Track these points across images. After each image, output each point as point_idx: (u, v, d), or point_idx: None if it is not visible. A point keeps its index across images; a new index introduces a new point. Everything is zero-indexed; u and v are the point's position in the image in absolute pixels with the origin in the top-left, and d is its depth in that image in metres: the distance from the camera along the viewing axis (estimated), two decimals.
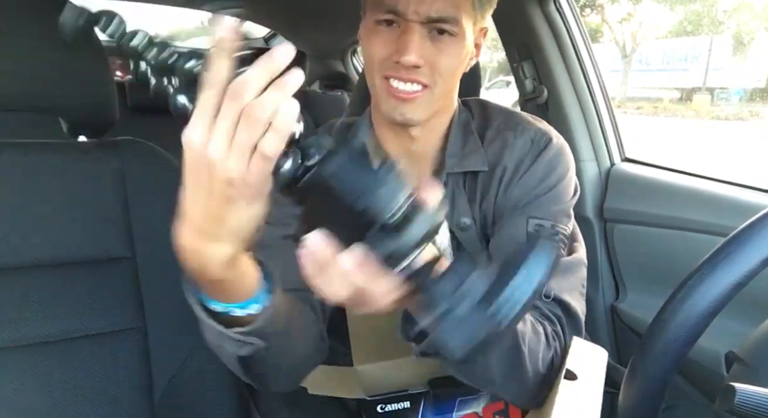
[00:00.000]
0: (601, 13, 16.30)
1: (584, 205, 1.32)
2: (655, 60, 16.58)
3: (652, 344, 0.43)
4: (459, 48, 0.65)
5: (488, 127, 0.75)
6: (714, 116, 12.98)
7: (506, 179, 0.71)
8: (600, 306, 1.31)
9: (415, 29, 0.62)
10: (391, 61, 0.64)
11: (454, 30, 0.64)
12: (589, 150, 1.34)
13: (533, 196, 0.70)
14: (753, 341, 0.48)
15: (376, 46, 0.65)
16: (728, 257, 0.41)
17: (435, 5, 0.62)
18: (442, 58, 0.64)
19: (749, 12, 15.24)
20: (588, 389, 0.53)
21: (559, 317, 0.66)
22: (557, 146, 0.72)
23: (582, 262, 0.71)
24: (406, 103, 0.65)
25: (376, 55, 0.65)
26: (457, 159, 0.72)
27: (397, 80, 0.64)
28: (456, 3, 0.63)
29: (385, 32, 0.64)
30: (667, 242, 1.15)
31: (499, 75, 13.70)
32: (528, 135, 0.73)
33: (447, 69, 0.65)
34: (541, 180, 0.70)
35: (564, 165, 0.72)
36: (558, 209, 0.70)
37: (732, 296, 0.41)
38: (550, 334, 0.63)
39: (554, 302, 0.65)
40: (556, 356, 0.63)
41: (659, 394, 0.44)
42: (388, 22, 0.64)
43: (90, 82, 0.74)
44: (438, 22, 0.63)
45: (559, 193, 0.70)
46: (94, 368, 0.78)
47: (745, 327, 0.60)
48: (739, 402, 0.37)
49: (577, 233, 0.75)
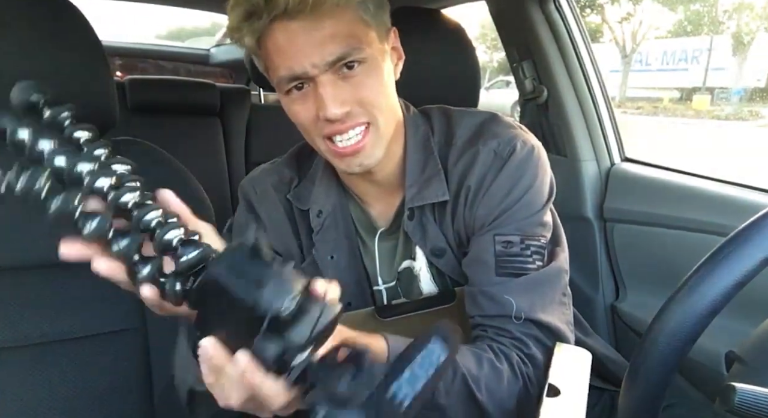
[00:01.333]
0: (601, 13, 16.30)
1: (584, 205, 1.31)
2: (655, 60, 16.57)
3: (652, 344, 0.43)
4: (376, 71, 0.63)
5: (452, 143, 0.72)
6: (714, 116, 12.97)
7: (470, 198, 0.68)
8: (600, 306, 1.31)
9: (323, 82, 0.59)
10: (321, 121, 0.62)
11: (360, 57, 0.61)
12: (589, 150, 1.34)
13: (499, 212, 0.67)
14: (753, 341, 0.48)
15: (300, 114, 0.63)
16: (728, 256, 0.41)
17: (327, 49, 0.58)
18: (364, 91, 0.62)
19: (749, 12, 15.24)
20: (570, 404, 0.52)
21: (535, 336, 0.64)
22: (522, 154, 0.68)
23: (561, 269, 0.68)
24: (358, 154, 0.64)
25: (305, 121, 0.64)
26: (417, 189, 0.70)
27: (338, 135, 0.63)
28: (346, 34, 0.59)
29: (300, 97, 0.62)
30: (667, 242, 1.15)
31: (498, 75, 13.69)
32: (491, 147, 0.69)
33: (376, 98, 0.63)
34: (507, 194, 0.67)
35: (530, 172, 0.68)
36: (528, 222, 0.67)
37: (732, 295, 0.41)
38: (517, 363, 0.62)
39: (527, 322, 0.64)
40: (531, 383, 0.62)
41: (659, 393, 0.44)
42: (297, 87, 0.62)
43: (90, 82, 0.74)
44: (339, 62, 0.60)
45: (528, 204, 0.67)
46: (94, 368, 0.78)
47: (745, 327, 0.60)
48: (739, 402, 0.37)
49: (560, 236, 0.73)
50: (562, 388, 0.54)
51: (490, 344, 0.64)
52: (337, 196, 0.75)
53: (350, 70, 0.61)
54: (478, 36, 15.76)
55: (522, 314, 0.63)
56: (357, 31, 0.60)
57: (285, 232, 0.75)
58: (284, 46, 0.59)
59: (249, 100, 2.03)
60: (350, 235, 0.75)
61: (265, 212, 0.76)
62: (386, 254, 0.76)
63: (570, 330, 0.68)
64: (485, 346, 0.64)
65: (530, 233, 0.67)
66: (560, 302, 0.68)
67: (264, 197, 0.77)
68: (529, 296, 0.65)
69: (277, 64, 0.61)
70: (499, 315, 0.64)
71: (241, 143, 1.96)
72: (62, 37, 0.72)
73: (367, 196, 0.75)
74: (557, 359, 0.60)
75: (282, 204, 0.76)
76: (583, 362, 0.59)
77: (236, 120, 1.96)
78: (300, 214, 0.75)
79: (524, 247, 0.66)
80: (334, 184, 0.75)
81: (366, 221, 0.76)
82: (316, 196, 0.74)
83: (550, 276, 0.67)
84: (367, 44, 0.61)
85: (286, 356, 0.35)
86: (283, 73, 0.60)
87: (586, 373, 0.57)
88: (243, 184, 0.79)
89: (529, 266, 0.66)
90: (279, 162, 0.80)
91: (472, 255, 0.69)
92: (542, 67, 1.33)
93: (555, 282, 0.67)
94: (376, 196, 0.75)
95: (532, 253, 0.66)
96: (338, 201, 0.74)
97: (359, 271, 0.76)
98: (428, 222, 0.71)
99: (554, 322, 0.65)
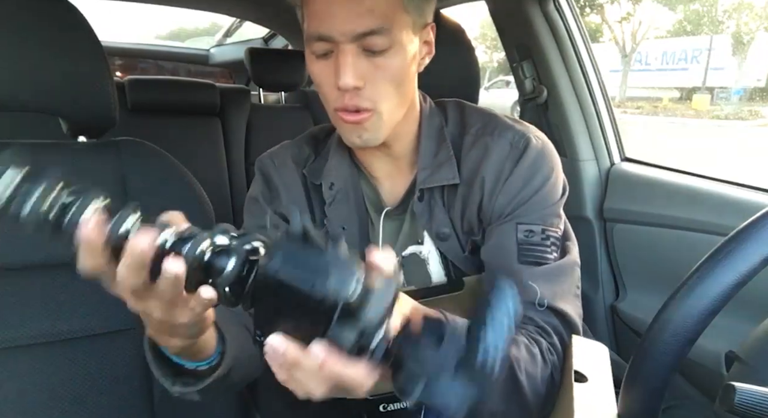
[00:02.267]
0: (601, 13, 16.31)
1: (584, 205, 1.32)
2: (655, 60, 16.58)
3: (652, 344, 0.43)
4: (399, 58, 0.63)
5: (465, 132, 0.74)
6: (714, 116, 12.98)
7: (488, 188, 0.70)
8: (600, 306, 1.31)
9: (346, 51, 0.61)
10: (336, 93, 0.63)
11: (388, 41, 0.61)
12: (588, 150, 1.34)
13: (519, 202, 0.69)
14: (753, 341, 0.48)
15: (319, 76, 0.65)
16: (728, 256, 0.41)
17: (360, 21, 0.60)
18: (381, 75, 0.63)
19: (749, 12, 15.25)
20: (601, 388, 0.53)
21: (555, 326, 0.65)
22: (537, 147, 0.71)
23: (575, 263, 0.70)
24: (359, 127, 0.65)
25: (323, 86, 0.65)
26: (429, 171, 0.72)
27: (345, 113, 0.64)
28: (383, 13, 0.60)
29: (323, 63, 0.64)
30: (667, 241, 1.15)
31: (498, 75, 13.70)
32: (506, 139, 0.71)
33: (388, 85, 0.64)
34: (526, 184, 0.69)
35: (548, 165, 0.70)
36: (547, 212, 0.69)
37: (732, 295, 0.41)
38: (545, 350, 0.63)
39: (548, 310, 0.65)
40: (555, 371, 0.63)
41: (659, 394, 0.44)
42: (325, 54, 0.63)
43: (90, 82, 0.74)
44: (368, 37, 0.60)
45: (546, 195, 0.69)
46: (95, 368, 0.78)
47: (745, 327, 0.60)
48: (739, 402, 0.37)
49: (570, 231, 0.74)
50: (589, 374, 0.55)
51: (518, 330, 0.65)
52: (349, 171, 0.76)
53: (374, 53, 0.62)
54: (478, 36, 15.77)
55: (545, 301, 0.65)
56: (394, 14, 0.61)
57: (300, 202, 0.77)
58: (322, 9, 0.61)
59: (249, 100, 2.03)
60: (361, 210, 0.77)
61: (283, 182, 0.77)
62: (390, 234, 0.77)
63: (581, 323, 0.69)
64: (518, 331, 0.64)
65: (549, 224, 0.69)
66: (575, 295, 0.69)
67: (283, 167, 0.78)
68: (550, 285, 0.66)
69: (309, 22, 0.63)
70: (524, 301, 0.65)
71: (241, 143, 1.96)
72: (62, 38, 0.72)
73: (377, 173, 0.77)
74: (577, 349, 0.61)
75: (299, 176, 0.78)
76: (602, 353, 0.60)
77: (236, 120, 1.96)
78: (314, 188, 0.77)
79: (544, 237, 0.68)
80: (346, 160, 0.77)
81: (375, 199, 0.78)
82: (329, 170, 0.76)
83: (567, 267, 0.69)
84: (398, 29, 0.62)
85: (364, 337, 0.34)
86: (312, 31, 0.62)
87: (607, 362, 0.57)
88: (261, 158, 0.80)
89: (548, 256, 0.68)
90: (298, 140, 0.82)
91: (494, 243, 0.70)
92: (542, 67, 1.33)
93: (570, 274, 0.69)
94: (387, 173, 0.76)
95: (551, 243, 0.68)
96: (350, 176, 0.76)
97: (366, 246, 0.77)
98: (436, 205, 0.73)
99: (571, 313, 0.66)
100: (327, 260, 0.34)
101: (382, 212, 0.77)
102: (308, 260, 0.34)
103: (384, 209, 0.77)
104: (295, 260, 0.34)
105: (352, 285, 0.33)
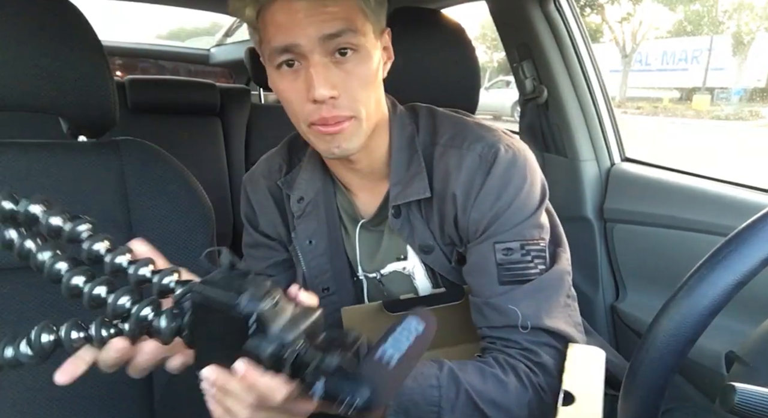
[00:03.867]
0: (601, 13, 16.30)
1: (584, 205, 1.32)
2: (655, 60, 16.57)
3: (652, 344, 0.43)
4: (367, 62, 0.63)
5: (436, 142, 0.72)
6: (714, 116, 12.97)
7: (461, 203, 0.68)
8: (600, 306, 1.31)
9: (316, 61, 0.60)
10: (309, 105, 0.62)
11: (355, 43, 0.61)
12: (589, 150, 1.34)
13: (494, 216, 0.67)
14: (753, 341, 0.48)
15: (288, 92, 0.63)
16: (728, 256, 0.41)
17: (325, 24, 0.59)
18: (353, 81, 0.62)
19: (749, 12, 15.25)
20: (586, 411, 0.52)
21: (543, 343, 0.64)
22: (507, 157, 0.68)
23: (564, 271, 0.68)
24: (337, 137, 0.64)
25: (293, 102, 0.63)
26: (401, 187, 0.70)
27: (322, 125, 0.63)
28: (345, 17, 0.60)
29: (290, 75, 0.62)
30: (667, 242, 1.15)
31: (498, 75, 13.69)
32: (475, 151, 0.69)
33: (364, 90, 0.63)
34: (497, 197, 0.67)
35: (519, 174, 0.68)
36: (524, 225, 0.67)
37: (732, 295, 0.41)
38: (524, 373, 0.63)
39: (534, 330, 0.64)
40: (543, 392, 0.63)
41: (659, 394, 0.44)
42: (289, 63, 0.62)
43: (90, 82, 0.74)
44: (335, 39, 0.60)
45: (521, 207, 0.67)
46: (95, 368, 0.78)
47: (745, 327, 0.60)
48: (740, 402, 0.37)
49: (560, 235, 0.73)
50: (577, 393, 0.54)
51: (496, 356, 0.65)
52: (322, 183, 0.76)
53: (343, 57, 0.61)
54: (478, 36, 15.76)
55: (528, 322, 0.64)
56: (355, 19, 0.61)
57: (274, 218, 0.79)
58: (283, 21, 0.60)
59: (249, 100, 2.03)
60: (333, 222, 0.77)
61: (257, 200, 0.80)
62: (368, 245, 0.77)
63: (578, 331, 0.68)
64: (491, 359, 0.64)
65: (528, 237, 0.67)
66: (565, 305, 0.68)
67: (256, 187, 0.81)
68: (534, 303, 0.65)
69: (272, 36, 0.61)
70: (506, 325, 0.65)
71: (241, 143, 1.97)
72: (62, 37, 0.72)
73: (351, 186, 0.76)
74: (570, 361, 0.60)
75: (271, 191, 0.79)
76: (597, 360, 0.59)
77: (236, 120, 1.96)
78: (288, 199, 0.78)
79: (525, 253, 0.66)
80: (318, 172, 0.76)
81: (351, 211, 0.77)
82: (300, 182, 0.76)
83: (553, 280, 0.67)
84: (363, 34, 0.62)
85: (277, 351, 0.39)
86: (277, 43, 0.61)
87: (600, 372, 0.57)
88: (243, 178, 0.84)
89: (532, 271, 0.66)
90: (273, 151, 0.83)
91: (473, 264, 0.69)
92: (542, 67, 1.33)
93: (558, 286, 0.67)
94: (360, 186, 0.75)
95: (533, 258, 0.66)
96: (322, 188, 0.76)
97: (341, 258, 0.77)
98: (415, 218, 0.71)
99: (561, 326, 0.65)
100: (245, 281, 0.40)
101: (358, 224, 0.76)
102: (230, 283, 0.40)
103: (359, 220, 0.76)
104: (219, 283, 0.41)
105: (266, 300, 0.39)
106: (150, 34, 15.95)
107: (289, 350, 0.39)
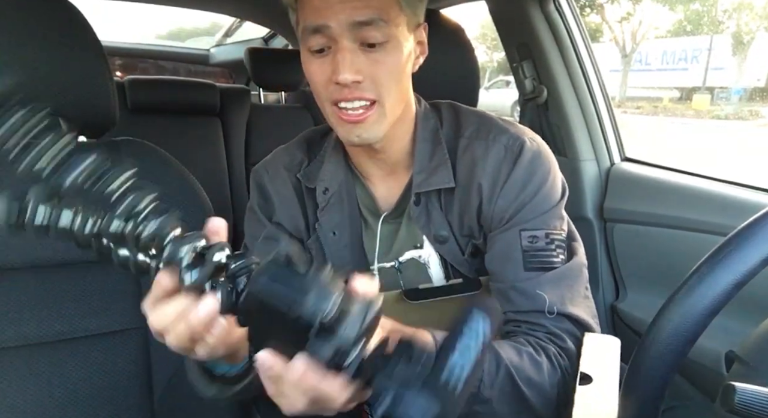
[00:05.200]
0: (601, 13, 16.31)
1: (584, 205, 1.32)
2: (655, 60, 16.58)
3: (652, 343, 0.43)
4: (396, 53, 0.64)
5: (460, 135, 0.74)
6: (714, 116, 12.98)
7: (486, 193, 0.70)
8: (600, 306, 1.31)
9: (345, 47, 0.62)
10: (333, 85, 0.63)
11: (384, 35, 0.62)
12: (589, 150, 1.34)
13: (520, 205, 0.69)
14: (753, 341, 0.48)
15: (315, 74, 0.65)
16: (728, 256, 0.41)
17: (358, 10, 0.61)
18: (379, 70, 0.63)
19: (749, 12, 15.25)
20: (604, 390, 0.53)
21: (568, 329, 0.66)
22: (532, 149, 0.70)
23: (582, 264, 0.70)
24: (359, 125, 0.65)
25: (318, 83, 0.65)
26: (425, 175, 0.72)
27: (344, 101, 0.64)
28: (379, 6, 0.61)
29: (319, 59, 0.64)
30: (667, 241, 1.15)
31: (498, 75, 13.70)
32: (501, 142, 0.71)
33: (388, 79, 0.64)
34: (523, 187, 0.69)
35: (544, 167, 0.70)
36: (548, 215, 0.69)
37: (732, 295, 0.41)
38: (554, 355, 0.63)
39: (560, 316, 0.65)
40: (567, 374, 0.64)
41: (659, 394, 0.44)
42: (320, 50, 0.64)
43: (90, 83, 0.74)
44: (365, 27, 0.61)
45: (546, 197, 0.69)
46: (95, 368, 0.78)
47: (745, 327, 0.60)
48: (740, 401, 0.37)
49: (574, 231, 0.74)
50: (594, 375, 0.55)
51: (526, 338, 0.65)
52: (345, 174, 0.76)
53: (371, 48, 0.63)
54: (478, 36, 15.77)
55: (555, 308, 0.65)
56: (389, 9, 0.63)
57: (294, 209, 0.78)
58: (318, 3, 0.62)
59: (249, 100, 2.03)
60: (354, 215, 0.77)
61: (276, 191, 0.78)
62: (386, 238, 0.77)
63: (596, 322, 0.69)
64: (522, 340, 0.65)
65: (552, 227, 0.69)
66: (585, 296, 0.69)
67: (275, 177, 0.79)
68: (558, 291, 0.66)
69: (306, 16, 0.63)
70: (533, 310, 0.66)
71: (241, 143, 1.96)
72: (62, 37, 0.72)
73: (372, 177, 0.77)
74: (587, 347, 0.61)
75: (291, 183, 0.78)
76: (613, 348, 0.60)
77: (236, 120, 1.96)
78: (308, 192, 0.77)
79: (549, 241, 0.68)
80: (342, 163, 0.77)
81: (370, 203, 0.78)
82: (324, 173, 0.76)
83: (574, 270, 0.69)
84: (395, 25, 0.63)
85: (340, 353, 0.37)
86: (309, 23, 0.63)
87: (616, 359, 0.58)
88: (256, 168, 0.82)
89: (555, 260, 0.68)
90: (291, 145, 0.83)
91: (498, 251, 0.70)
92: (542, 67, 1.33)
93: (579, 276, 0.69)
94: (382, 177, 0.76)
95: (556, 247, 0.68)
96: (345, 180, 0.76)
97: (359, 251, 0.78)
98: (434, 208, 0.72)
99: (582, 315, 0.67)
100: (307, 281, 0.37)
101: (380, 217, 0.77)
102: (290, 282, 0.38)
103: (380, 213, 0.77)
104: (278, 281, 0.38)
105: (328, 305, 0.36)
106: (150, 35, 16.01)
107: (352, 355, 0.37)
